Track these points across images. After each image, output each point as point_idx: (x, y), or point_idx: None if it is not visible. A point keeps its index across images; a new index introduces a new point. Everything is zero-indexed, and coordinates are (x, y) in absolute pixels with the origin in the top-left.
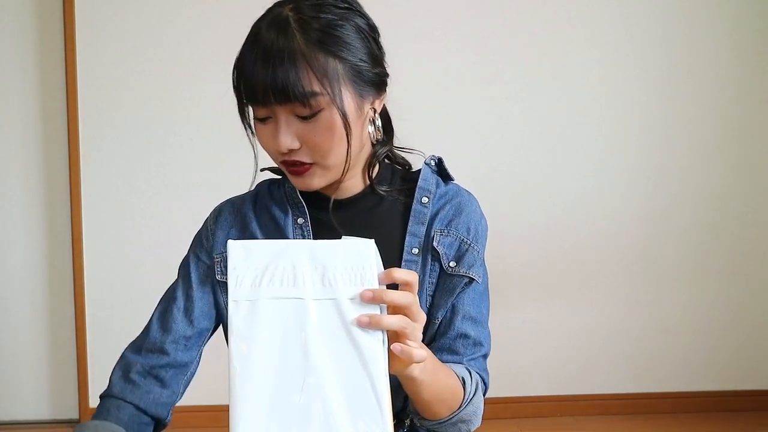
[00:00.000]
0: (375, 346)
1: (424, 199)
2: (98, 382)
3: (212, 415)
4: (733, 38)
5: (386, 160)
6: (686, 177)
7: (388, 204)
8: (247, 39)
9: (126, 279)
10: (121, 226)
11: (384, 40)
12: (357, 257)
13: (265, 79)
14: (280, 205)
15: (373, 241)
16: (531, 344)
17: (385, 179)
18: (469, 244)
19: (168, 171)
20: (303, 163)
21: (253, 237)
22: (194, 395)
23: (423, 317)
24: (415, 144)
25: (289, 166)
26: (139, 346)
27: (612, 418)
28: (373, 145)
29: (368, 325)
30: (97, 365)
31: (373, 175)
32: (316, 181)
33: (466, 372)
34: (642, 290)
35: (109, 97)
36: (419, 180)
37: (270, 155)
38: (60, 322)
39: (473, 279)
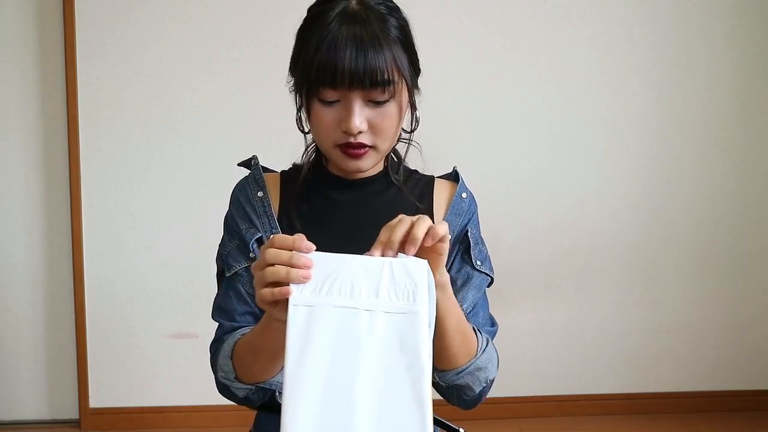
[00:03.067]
0: (423, 359)
1: (464, 195)
2: (98, 383)
3: (212, 415)
4: (733, 38)
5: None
6: (686, 177)
7: (395, 190)
8: (313, 29)
9: (126, 279)
10: (121, 226)
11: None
12: (409, 275)
13: (356, 63)
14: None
15: (426, 262)
16: (531, 344)
17: (394, 168)
18: (487, 250)
19: (168, 171)
20: (363, 146)
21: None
22: (194, 395)
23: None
24: (415, 144)
25: (347, 148)
26: None
27: (612, 418)
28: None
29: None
30: (97, 365)
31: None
32: (368, 163)
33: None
34: (642, 290)
35: (109, 97)
36: (460, 178)
37: (325, 137)
38: (60, 322)
39: (493, 279)
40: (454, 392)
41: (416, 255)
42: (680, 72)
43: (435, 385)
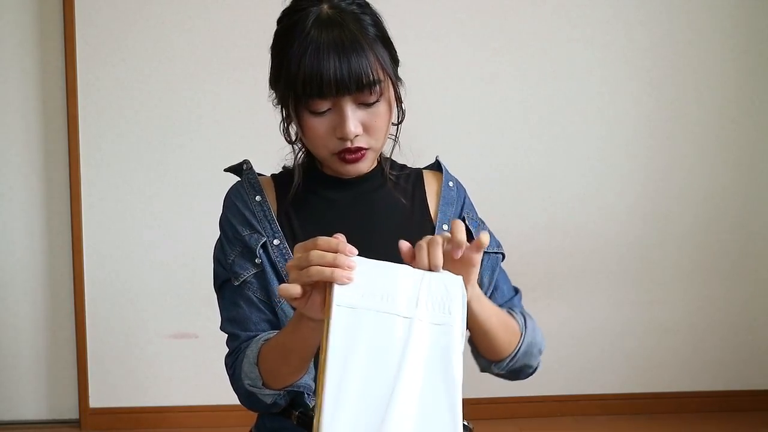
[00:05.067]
0: (455, 369)
1: (450, 183)
2: (98, 383)
3: (212, 415)
4: (733, 38)
5: None
6: (686, 177)
7: (390, 186)
8: (290, 41)
9: (126, 279)
10: (121, 226)
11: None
12: (446, 289)
13: (340, 70)
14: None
15: (461, 277)
16: None
17: (388, 164)
18: (489, 229)
19: (168, 171)
20: (360, 149)
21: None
22: (194, 395)
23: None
24: (415, 144)
25: (345, 154)
26: None
27: (612, 418)
28: None
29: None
30: (97, 365)
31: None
32: (367, 165)
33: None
34: (642, 290)
35: (109, 97)
36: (444, 168)
37: (321, 146)
38: (60, 322)
39: (504, 254)
40: (514, 374)
41: (448, 267)
42: (680, 72)
43: (496, 375)
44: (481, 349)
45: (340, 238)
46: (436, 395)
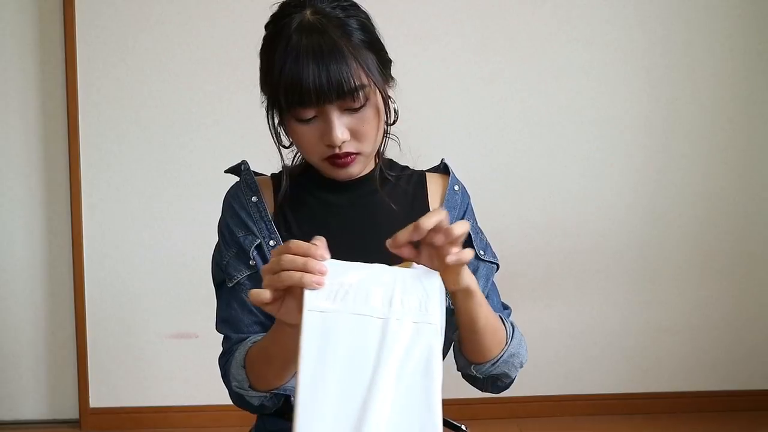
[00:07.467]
0: (434, 367)
1: (456, 187)
2: (98, 383)
3: (212, 415)
4: (733, 38)
5: None
6: (686, 177)
7: (389, 188)
8: (274, 47)
9: (126, 279)
10: (121, 226)
11: (384, 40)
12: (422, 285)
13: (319, 78)
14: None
15: (438, 273)
16: (531, 344)
17: (385, 164)
18: (486, 238)
19: (168, 171)
20: (349, 154)
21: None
22: (194, 395)
23: (463, 228)
24: (415, 144)
25: (334, 159)
26: None
27: (612, 418)
28: None
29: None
30: (97, 365)
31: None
32: (357, 168)
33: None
34: (642, 290)
35: (109, 97)
36: (450, 171)
37: (311, 153)
38: (60, 322)
39: (498, 265)
40: (489, 381)
41: (436, 261)
42: (680, 72)
43: (472, 378)
44: (465, 348)
45: (317, 243)
46: (414, 394)
